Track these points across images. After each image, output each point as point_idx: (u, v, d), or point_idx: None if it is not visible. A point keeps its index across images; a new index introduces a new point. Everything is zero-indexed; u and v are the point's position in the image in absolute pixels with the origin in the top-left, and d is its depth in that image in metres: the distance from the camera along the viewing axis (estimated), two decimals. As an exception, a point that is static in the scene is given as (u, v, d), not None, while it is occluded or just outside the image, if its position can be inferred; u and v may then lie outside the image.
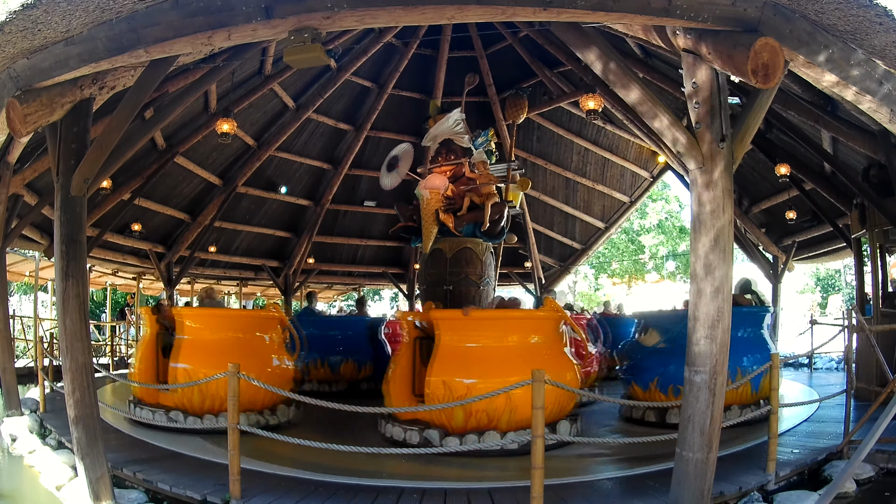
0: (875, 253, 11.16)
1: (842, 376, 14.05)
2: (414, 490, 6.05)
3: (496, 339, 8.12)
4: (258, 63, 13.86)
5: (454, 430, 7.70)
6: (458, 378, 7.67)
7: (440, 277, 10.54)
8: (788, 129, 11.30)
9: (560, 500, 5.63)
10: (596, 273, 41.94)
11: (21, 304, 33.56)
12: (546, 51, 14.43)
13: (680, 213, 39.30)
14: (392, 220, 19.46)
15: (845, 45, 4.34)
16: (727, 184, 4.80)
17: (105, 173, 6.48)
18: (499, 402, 7.20)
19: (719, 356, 4.82)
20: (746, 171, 15.44)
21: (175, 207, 17.44)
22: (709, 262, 4.80)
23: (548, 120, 18.22)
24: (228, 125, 12.13)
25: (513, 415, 7.50)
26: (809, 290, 46.56)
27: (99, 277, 23.75)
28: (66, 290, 5.99)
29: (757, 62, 4.20)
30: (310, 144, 18.44)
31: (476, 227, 10.56)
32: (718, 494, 5.70)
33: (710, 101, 4.77)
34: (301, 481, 6.31)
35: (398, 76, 16.55)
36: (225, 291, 28.24)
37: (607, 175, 20.38)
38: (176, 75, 10.01)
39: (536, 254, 21.65)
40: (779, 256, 17.49)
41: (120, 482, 6.53)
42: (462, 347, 7.98)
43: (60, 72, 5.51)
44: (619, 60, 5.17)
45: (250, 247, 21.32)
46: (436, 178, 10.55)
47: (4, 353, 10.91)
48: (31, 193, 12.06)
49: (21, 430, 9.17)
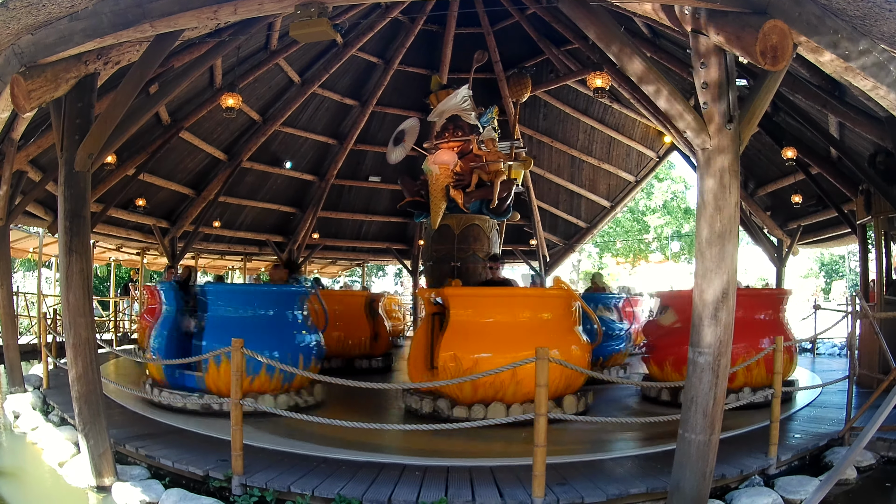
0: (880, 240, 11.09)
1: (844, 362, 14.04)
2: (416, 467, 6.07)
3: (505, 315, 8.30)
4: (264, 38, 13.81)
5: (463, 400, 8.04)
6: (467, 352, 7.90)
7: (448, 253, 10.54)
8: (796, 112, 11.24)
9: (561, 479, 5.64)
10: (600, 252, 41.94)
11: (25, 281, 33.67)
12: (553, 28, 14.37)
13: (685, 193, 39.24)
14: (397, 196, 19.48)
15: (854, 31, 4.29)
16: (734, 165, 4.77)
17: (109, 148, 6.47)
18: (504, 375, 7.36)
19: (723, 338, 4.80)
20: (753, 154, 15.38)
21: (179, 182, 17.42)
22: (714, 243, 4.78)
23: (554, 97, 18.16)
24: (233, 100, 12.11)
25: (518, 387, 7.70)
26: (813, 275, 46.61)
27: (102, 253, 23.73)
28: (69, 266, 5.98)
29: (765, 44, 4.16)
30: (315, 119, 18.41)
31: (483, 204, 10.56)
32: (720, 477, 5.72)
33: (718, 82, 4.72)
34: (303, 457, 6.33)
35: (404, 52, 16.53)
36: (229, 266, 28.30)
37: (613, 154, 20.31)
38: (181, 50, 9.95)
39: (541, 231, 21.64)
40: (783, 240, 17.45)
41: (122, 458, 6.57)
42: (471, 322, 8.19)
43: (65, 47, 5.47)
44: (625, 39, 5.13)
45: (255, 222, 21.34)
46: (445, 153, 10.51)
47: (8, 330, 10.95)
48: (35, 170, 12.05)
49: (24, 406, 9.18)
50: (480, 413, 7.82)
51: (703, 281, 4.87)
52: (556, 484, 5.48)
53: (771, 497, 5.60)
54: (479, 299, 8.58)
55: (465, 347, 7.97)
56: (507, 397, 7.87)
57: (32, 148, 10.42)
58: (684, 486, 4.96)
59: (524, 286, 15.49)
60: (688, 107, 4.82)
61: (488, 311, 8.33)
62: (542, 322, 8.35)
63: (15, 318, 12.05)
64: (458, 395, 8.09)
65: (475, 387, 7.83)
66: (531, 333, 7.97)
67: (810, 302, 19.31)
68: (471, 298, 8.55)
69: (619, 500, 5.36)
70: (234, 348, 5.89)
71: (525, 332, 8.06)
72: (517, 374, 7.36)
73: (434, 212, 10.47)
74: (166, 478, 6.09)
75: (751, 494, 5.62)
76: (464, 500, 5.21)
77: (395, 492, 5.35)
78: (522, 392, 7.69)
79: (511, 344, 7.72)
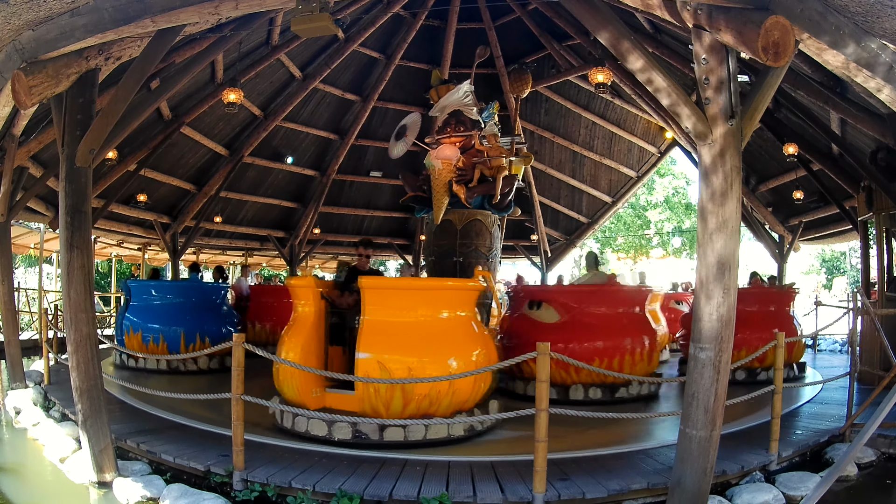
0: (881, 236, 11.09)
1: (845, 358, 14.06)
2: (417, 462, 6.10)
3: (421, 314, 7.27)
4: (265, 33, 13.77)
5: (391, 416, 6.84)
6: (395, 356, 6.87)
7: (450, 249, 10.52)
8: (797, 108, 11.23)
9: (562, 474, 5.66)
10: (601, 247, 41.91)
11: (26, 277, 33.68)
12: (555, 24, 14.35)
13: (687, 189, 39.19)
14: (398, 192, 19.48)
15: (856, 28, 4.27)
16: (735, 160, 4.76)
17: (110, 144, 6.47)
18: (441, 384, 6.69)
19: (725, 333, 4.80)
20: (754, 150, 15.35)
21: (181, 178, 17.41)
22: (716, 239, 4.78)
23: (556, 93, 18.13)
24: (235, 95, 12.11)
25: (454, 397, 6.92)
26: (815, 272, 46.57)
27: (104, 249, 23.75)
28: (70, 261, 5.99)
29: (767, 40, 4.15)
30: (316, 114, 18.39)
31: (484, 199, 10.54)
32: (721, 473, 5.73)
33: (719, 78, 4.71)
34: (304, 453, 6.35)
35: (406, 47, 16.49)
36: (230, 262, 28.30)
37: (614, 149, 20.30)
38: (182, 45, 9.94)
39: (543, 227, 21.60)
40: (785, 236, 17.42)
41: (123, 453, 6.59)
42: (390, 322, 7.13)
43: (66, 43, 5.47)
44: (628, 35, 5.12)
45: (256, 217, 21.34)
46: (447, 148, 10.49)
47: (9, 326, 10.95)
48: (36, 165, 12.04)
49: (25, 402, 9.16)
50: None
51: (704, 276, 4.86)
52: (557, 479, 5.50)
53: (772, 493, 5.61)
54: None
55: (391, 351, 6.89)
56: (441, 410, 6.91)
57: (33, 144, 10.41)
58: (685, 482, 4.96)
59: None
60: (689, 102, 4.81)
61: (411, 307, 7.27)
62: (449, 321, 7.39)
63: (16, 313, 12.03)
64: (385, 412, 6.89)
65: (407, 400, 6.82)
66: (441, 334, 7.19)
67: (811, 298, 19.30)
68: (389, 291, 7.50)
69: (619, 496, 5.38)
70: (236, 343, 5.89)
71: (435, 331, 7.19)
72: (454, 383, 6.74)
73: (437, 207, 10.46)
74: (167, 473, 6.11)
75: (751, 490, 5.64)
76: (465, 496, 5.22)
77: (395, 487, 5.37)
78: (457, 401, 6.96)
79: (416, 346, 6.93)
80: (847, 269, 44.33)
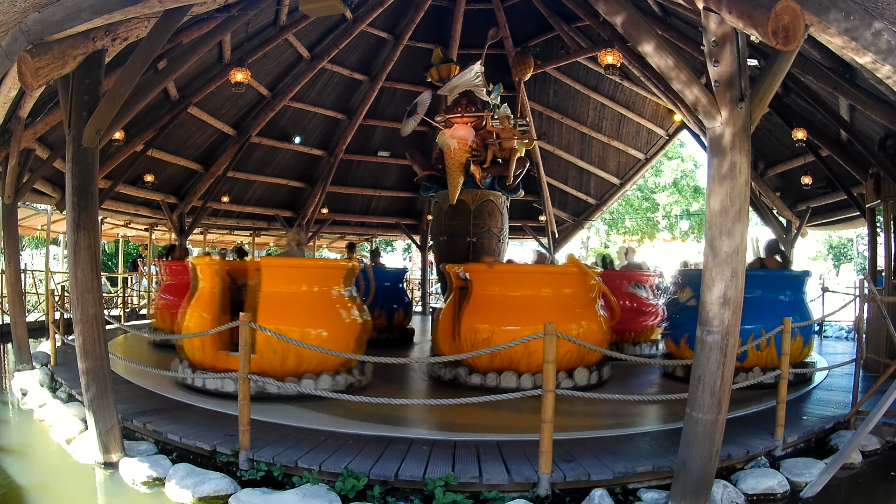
0: (889, 224, 11.03)
1: (851, 345, 14.04)
2: (424, 441, 6.13)
3: (523, 290, 8.94)
4: (273, 13, 13.73)
5: (480, 368, 8.86)
6: (486, 325, 8.68)
7: (464, 229, 10.56)
8: (806, 94, 11.15)
9: (568, 455, 5.68)
10: (608, 229, 41.87)
11: (33, 259, 33.80)
12: (564, 5, 14.27)
13: (695, 172, 39.05)
14: (406, 171, 19.46)
15: (866, 14, 4.22)
16: (744, 144, 4.73)
17: (117, 124, 6.45)
18: (518, 347, 7.55)
19: (732, 317, 4.78)
20: (763, 134, 15.26)
21: (188, 158, 17.42)
22: (724, 222, 4.75)
23: (564, 74, 18.05)
24: (242, 74, 12.10)
25: (531, 358, 8.38)
26: (822, 258, 46.44)
27: (111, 229, 23.81)
28: (77, 242, 5.99)
29: (777, 24, 4.11)
30: (324, 94, 18.35)
31: (495, 181, 10.56)
32: (726, 457, 5.74)
33: (729, 60, 4.67)
34: (310, 432, 6.38)
35: (414, 28, 16.42)
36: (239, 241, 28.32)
37: (623, 131, 20.19)
38: (189, 26, 9.88)
39: (550, 208, 21.55)
40: (792, 221, 17.33)
41: (130, 434, 6.63)
42: (493, 297, 8.87)
43: (72, 24, 5.43)
44: (637, 16, 5.08)
45: (263, 197, 21.35)
46: (462, 128, 10.50)
47: (16, 308, 10.99)
48: (42, 147, 12.04)
49: (32, 383, 9.19)
50: (494, 381, 8.62)
51: (712, 260, 4.85)
52: (563, 460, 5.51)
53: (776, 478, 5.62)
54: (500, 275, 9.09)
55: (485, 320, 8.71)
56: (521, 367, 8.60)
57: (40, 125, 10.39)
58: (690, 466, 4.96)
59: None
60: (699, 85, 4.77)
61: (509, 287, 8.92)
62: (559, 298, 8.93)
63: (23, 295, 12.07)
64: (476, 364, 8.88)
65: (491, 357, 8.53)
66: (548, 308, 8.59)
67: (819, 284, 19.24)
68: (494, 274, 9.04)
69: (625, 478, 5.39)
70: (242, 322, 5.90)
71: (543, 307, 8.63)
72: (529, 346, 7.88)
73: (452, 186, 10.47)
74: (174, 453, 6.14)
75: (756, 475, 5.64)
76: (471, 476, 5.24)
77: (402, 467, 5.39)
78: (535, 363, 8.20)
79: (527, 317, 8.35)
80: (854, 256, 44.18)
